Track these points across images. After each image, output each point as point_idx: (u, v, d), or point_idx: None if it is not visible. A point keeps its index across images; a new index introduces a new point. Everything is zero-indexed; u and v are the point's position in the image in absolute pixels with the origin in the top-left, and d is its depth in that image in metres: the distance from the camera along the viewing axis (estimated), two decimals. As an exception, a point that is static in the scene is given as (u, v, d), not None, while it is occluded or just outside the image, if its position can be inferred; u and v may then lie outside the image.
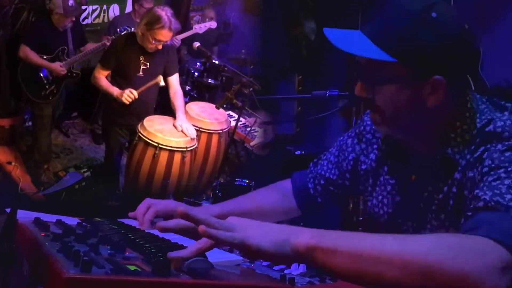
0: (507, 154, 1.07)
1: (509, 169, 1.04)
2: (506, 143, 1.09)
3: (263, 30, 5.75)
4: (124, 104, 4.02)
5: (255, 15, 5.99)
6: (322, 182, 1.52)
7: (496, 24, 3.87)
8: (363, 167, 1.41)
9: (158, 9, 3.98)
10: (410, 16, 1.13)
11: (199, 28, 5.15)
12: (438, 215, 1.20)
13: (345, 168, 1.47)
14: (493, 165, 1.06)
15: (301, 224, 2.14)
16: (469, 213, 1.01)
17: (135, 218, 1.45)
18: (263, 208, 1.52)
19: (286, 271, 1.01)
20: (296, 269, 1.02)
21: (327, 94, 1.63)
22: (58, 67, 4.57)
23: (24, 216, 1.20)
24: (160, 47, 3.99)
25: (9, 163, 4.83)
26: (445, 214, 1.19)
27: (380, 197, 1.35)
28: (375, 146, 1.39)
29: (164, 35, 3.93)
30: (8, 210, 1.13)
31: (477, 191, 1.04)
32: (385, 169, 1.34)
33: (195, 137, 4.13)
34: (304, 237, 0.89)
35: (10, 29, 4.97)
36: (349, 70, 5.21)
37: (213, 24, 5.33)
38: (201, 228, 0.87)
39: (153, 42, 3.93)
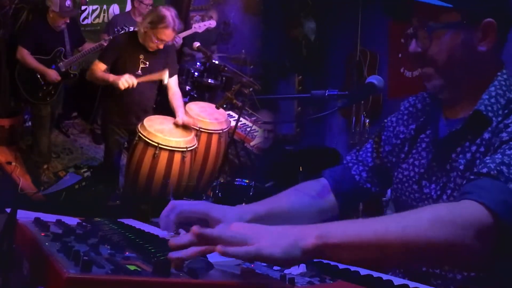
0: None
1: None
2: None
3: (263, 30, 5.76)
4: (121, 103, 4.01)
5: (255, 15, 5.99)
6: (370, 165, 1.50)
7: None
8: (401, 136, 1.44)
9: (163, 9, 4.00)
10: None
11: (199, 27, 5.16)
12: (464, 174, 1.23)
13: (395, 142, 1.47)
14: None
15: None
16: (472, 177, 1.06)
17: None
18: (298, 210, 1.47)
19: (286, 271, 1.01)
20: (296, 269, 1.02)
21: (326, 94, 1.63)
22: (53, 74, 4.56)
23: (24, 216, 1.20)
24: (161, 46, 4.00)
25: (9, 163, 4.84)
26: (470, 173, 1.21)
27: (411, 160, 1.38)
28: (414, 111, 1.43)
29: (168, 35, 3.94)
30: (8, 210, 1.13)
31: (489, 156, 1.09)
32: (423, 130, 1.38)
33: (197, 127, 4.12)
34: (310, 238, 0.92)
35: (10, 29, 4.97)
36: (348, 70, 5.22)
37: (212, 23, 5.33)
38: (219, 249, 0.89)
39: (156, 41, 3.94)
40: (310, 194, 1.52)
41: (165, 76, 4.08)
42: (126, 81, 3.91)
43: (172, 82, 4.22)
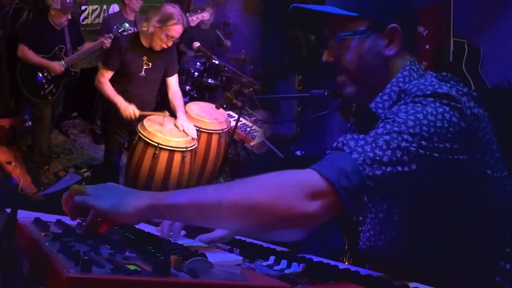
0: (402, 107, 1.14)
1: (391, 119, 1.11)
2: (409, 99, 1.16)
3: (263, 30, 5.76)
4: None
5: (255, 15, 5.99)
6: None
7: (496, 24, 3.87)
8: None
9: (169, 7, 4.02)
10: None
11: (191, 21, 5.16)
12: None
13: None
14: (383, 118, 1.15)
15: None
16: (327, 152, 1.11)
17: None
18: None
19: (286, 271, 1.01)
20: (296, 269, 1.02)
21: (326, 93, 1.64)
22: (57, 65, 4.57)
23: (24, 216, 1.20)
24: (170, 44, 4.01)
25: (9, 163, 4.84)
26: None
27: None
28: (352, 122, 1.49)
29: (178, 31, 3.97)
30: (8, 210, 1.13)
31: None
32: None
33: (196, 137, 4.13)
34: (146, 198, 1.07)
35: (10, 29, 4.97)
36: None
37: (205, 16, 5.34)
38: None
39: (165, 39, 3.95)
40: None
41: (165, 118, 4.11)
42: (130, 114, 3.97)
43: (172, 82, 4.22)
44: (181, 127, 4.05)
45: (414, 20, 1.34)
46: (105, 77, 4.04)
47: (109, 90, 4.04)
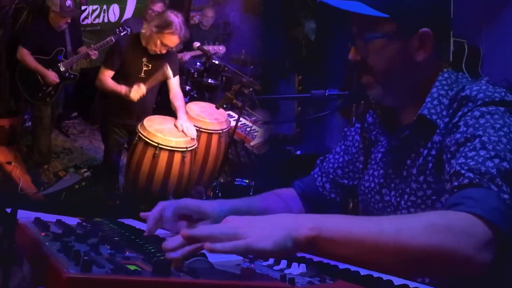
0: (481, 121, 1.11)
1: (484, 138, 1.07)
2: (482, 107, 1.13)
3: (263, 30, 5.75)
4: (121, 102, 4.01)
5: (255, 15, 5.99)
6: (330, 177, 1.55)
7: (496, 24, 3.87)
8: (356, 145, 1.49)
9: (172, 14, 3.97)
10: None
11: (209, 51, 5.17)
12: (417, 178, 1.25)
13: (352, 151, 1.51)
14: (468, 134, 1.11)
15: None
16: (455, 190, 1.05)
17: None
18: (273, 212, 1.53)
19: (286, 271, 1.01)
20: (296, 269, 1.02)
21: (326, 94, 1.64)
22: (52, 76, 4.54)
23: (24, 216, 1.20)
24: (164, 51, 3.99)
25: (9, 163, 4.83)
26: (423, 177, 1.24)
27: (371, 171, 1.41)
28: (366, 125, 1.45)
29: (173, 41, 3.93)
30: (8, 210, 1.13)
31: (457, 165, 1.08)
32: (377, 140, 1.41)
33: (196, 137, 4.13)
34: (304, 229, 0.92)
35: (10, 29, 4.97)
36: (348, 70, 5.21)
37: (222, 49, 5.38)
38: (207, 246, 0.89)
39: (159, 45, 3.92)
40: (285, 200, 1.57)
41: (168, 72, 4.06)
42: (137, 92, 3.95)
43: (174, 83, 4.22)
44: (181, 127, 4.05)
45: (447, 25, 1.29)
46: (106, 75, 4.05)
47: (110, 83, 4.05)
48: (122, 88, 4.00)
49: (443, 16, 1.26)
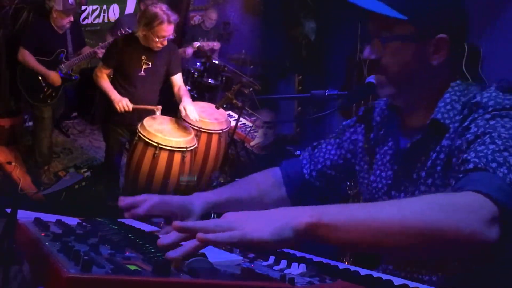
0: (492, 122, 1.12)
1: (493, 134, 1.08)
2: (492, 112, 1.14)
3: (263, 30, 5.75)
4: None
5: (255, 15, 5.99)
6: (318, 166, 1.56)
7: (496, 24, 3.87)
8: (360, 144, 1.49)
9: (152, 7, 3.99)
10: None
11: (203, 47, 5.20)
12: (426, 181, 1.25)
13: (346, 148, 1.53)
14: (478, 133, 1.11)
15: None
16: (460, 175, 1.05)
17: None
18: (255, 198, 1.55)
19: (286, 271, 1.01)
20: (296, 269, 1.02)
21: (326, 94, 1.64)
22: (55, 76, 4.55)
23: (24, 216, 1.20)
24: (165, 43, 3.99)
25: (9, 163, 4.84)
26: (432, 180, 1.24)
27: (378, 172, 1.40)
28: (374, 124, 1.45)
29: (166, 30, 3.93)
30: (8, 210, 1.13)
31: (465, 155, 1.08)
32: (384, 141, 1.40)
33: (198, 119, 4.13)
34: (304, 216, 0.90)
35: (10, 29, 4.97)
36: (348, 70, 5.21)
37: (216, 45, 5.45)
38: (199, 236, 0.87)
39: (156, 40, 3.93)
40: (267, 184, 1.58)
41: (158, 111, 4.12)
42: (123, 106, 3.99)
43: (177, 79, 4.23)
44: (183, 111, 4.04)
45: (464, 32, 1.29)
46: (103, 72, 4.08)
47: (105, 84, 4.08)
48: (112, 94, 4.04)
49: (460, 23, 1.27)
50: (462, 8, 1.27)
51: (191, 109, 4.06)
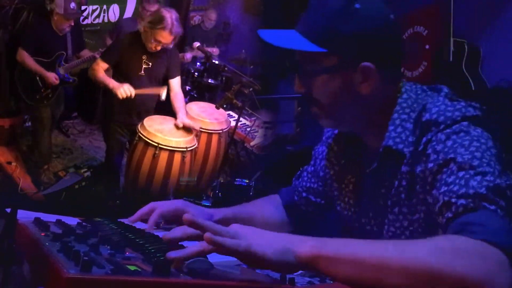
0: (449, 143, 1.08)
1: (458, 159, 1.05)
2: (445, 130, 1.10)
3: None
4: (123, 101, 4.01)
5: (255, 15, 5.99)
6: (303, 194, 1.54)
7: (496, 24, 3.87)
8: (327, 171, 1.44)
9: (165, 10, 3.99)
10: (334, 8, 1.17)
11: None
12: (392, 209, 1.22)
13: (321, 175, 1.49)
14: (440, 160, 1.07)
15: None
16: (450, 220, 1.00)
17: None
18: (264, 218, 1.53)
19: (286, 271, 1.01)
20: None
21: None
22: (52, 78, 4.53)
23: (24, 216, 1.20)
24: (158, 48, 3.99)
25: (9, 163, 4.83)
26: (398, 208, 1.21)
27: (346, 199, 1.37)
28: (336, 150, 1.39)
29: (164, 37, 3.92)
30: (8, 210, 1.13)
31: (436, 192, 1.05)
32: (348, 167, 1.36)
33: (199, 128, 4.12)
34: (306, 246, 0.91)
35: (10, 29, 4.96)
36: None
37: (215, 51, 5.46)
38: (207, 235, 0.88)
39: (153, 41, 3.93)
40: (274, 206, 1.58)
41: (163, 93, 4.10)
42: (125, 91, 3.94)
43: (174, 83, 4.22)
44: (181, 124, 4.04)
45: (395, 57, 1.22)
46: (100, 66, 4.06)
47: (101, 74, 4.06)
48: (110, 82, 4.00)
49: (387, 50, 1.19)
50: (389, 33, 1.19)
51: (188, 122, 4.08)
